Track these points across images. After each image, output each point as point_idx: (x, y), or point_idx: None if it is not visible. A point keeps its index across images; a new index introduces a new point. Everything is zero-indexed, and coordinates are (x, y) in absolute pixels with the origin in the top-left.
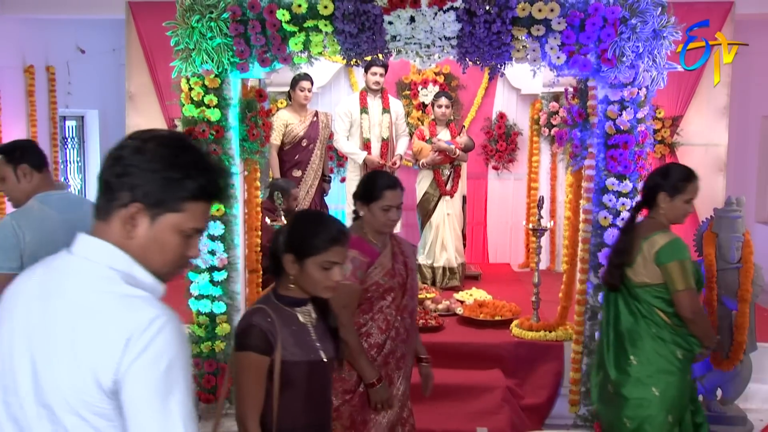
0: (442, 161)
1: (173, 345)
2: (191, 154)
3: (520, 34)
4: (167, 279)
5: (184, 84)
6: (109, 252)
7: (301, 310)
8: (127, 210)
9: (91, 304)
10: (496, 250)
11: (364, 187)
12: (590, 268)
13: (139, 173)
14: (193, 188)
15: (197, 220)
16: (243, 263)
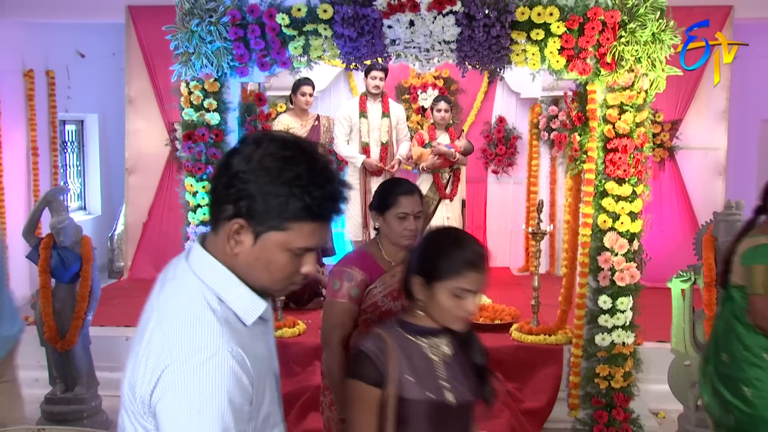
0: (441, 165)
1: (211, 384)
2: (298, 168)
3: (519, 38)
4: (280, 295)
5: (184, 88)
6: (209, 267)
7: (429, 342)
8: (230, 225)
9: (169, 314)
10: (495, 253)
11: (378, 196)
12: (590, 271)
13: (243, 186)
14: (296, 209)
15: (307, 240)
16: None
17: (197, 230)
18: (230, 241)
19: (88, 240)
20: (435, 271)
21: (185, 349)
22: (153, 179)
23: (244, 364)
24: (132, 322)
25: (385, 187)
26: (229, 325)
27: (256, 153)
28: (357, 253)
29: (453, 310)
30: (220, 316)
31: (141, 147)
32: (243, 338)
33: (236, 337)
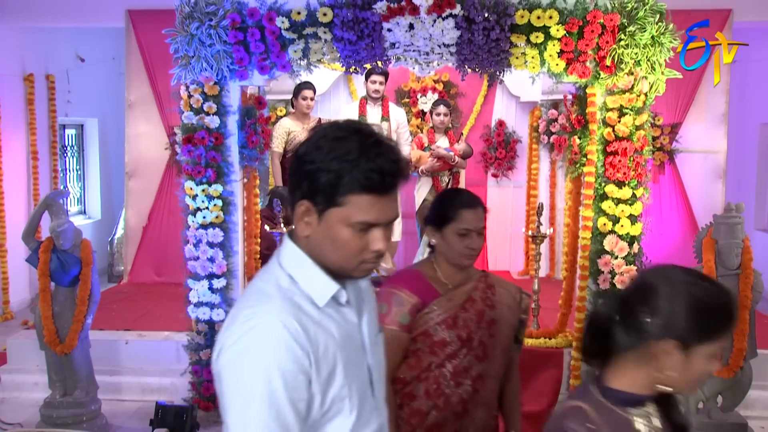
0: (440, 168)
1: (258, 348)
2: (349, 144)
3: (519, 41)
4: (359, 274)
5: (184, 91)
6: (287, 251)
7: (638, 413)
8: (298, 208)
9: (244, 294)
10: (495, 257)
11: (435, 208)
12: (590, 274)
13: (303, 168)
14: (348, 182)
15: (365, 213)
16: (242, 271)
17: (197, 233)
18: (300, 223)
19: (88, 243)
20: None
21: (241, 318)
22: (153, 183)
23: (298, 336)
24: (132, 325)
25: (443, 199)
26: (291, 302)
27: (314, 137)
28: (408, 272)
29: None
30: (285, 294)
31: (141, 151)
32: (308, 316)
33: (297, 313)
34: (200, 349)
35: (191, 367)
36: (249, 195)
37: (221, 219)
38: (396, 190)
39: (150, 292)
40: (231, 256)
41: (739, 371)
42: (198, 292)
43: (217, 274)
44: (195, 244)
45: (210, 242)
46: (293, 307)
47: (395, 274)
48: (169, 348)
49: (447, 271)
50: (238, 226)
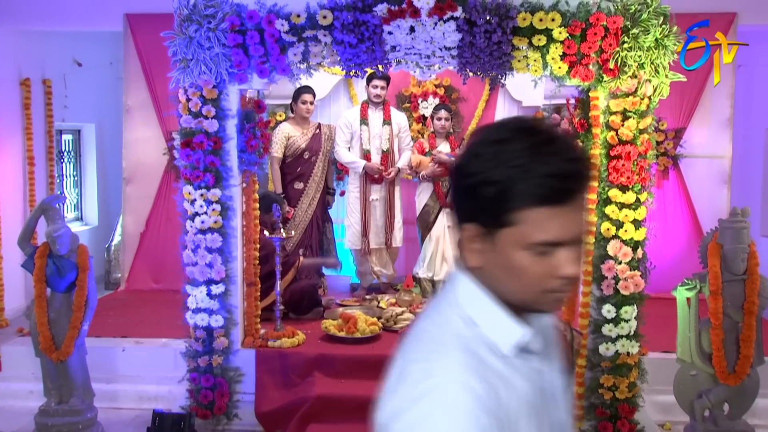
0: (441, 173)
1: (438, 421)
2: (514, 146)
3: (521, 44)
4: (544, 308)
5: (182, 95)
6: (461, 286)
7: None
8: (463, 233)
9: (412, 339)
10: None
11: None
12: (593, 280)
13: (464, 183)
14: (518, 194)
15: (545, 231)
16: (241, 276)
17: (195, 239)
18: (469, 252)
19: (85, 249)
20: None
21: (414, 375)
22: (151, 189)
23: (485, 402)
24: (129, 332)
25: None
26: (473, 355)
27: (472, 143)
28: None
29: None
30: (464, 343)
31: (139, 156)
32: (493, 372)
33: (481, 369)
34: (198, 356)
35: (189, 375)
36: (248, 200)
37: (220, 224)
38: (580, 197)
39: (147, 299)
40: (230, 261)
41: (745, 378)
42: (196, 298)
43: (216, 280)
44: (193, 250)
45: (208, 247)
46: (476, 362)
47: None
48: (167, 355)
49: None
50: (237, 231)
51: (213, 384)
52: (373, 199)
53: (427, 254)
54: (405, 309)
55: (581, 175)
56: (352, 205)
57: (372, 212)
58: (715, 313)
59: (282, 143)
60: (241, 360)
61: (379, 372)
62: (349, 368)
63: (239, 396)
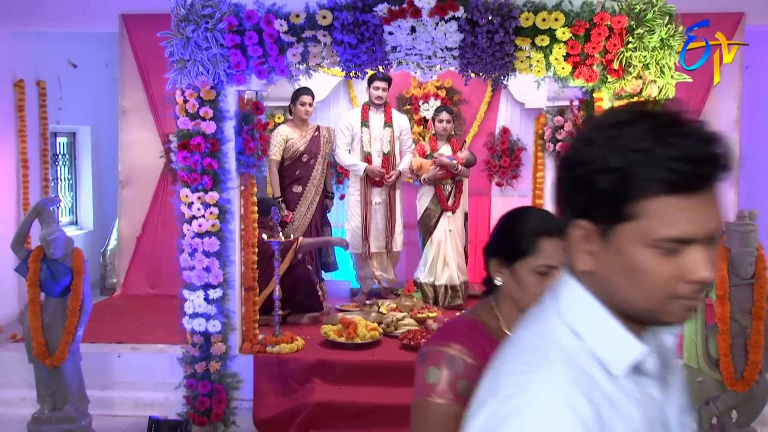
0: (443, 177)
1: None
2: (636, 128)
3: (524, 44)
4: (672, 319)
5: (179, 96)
6: (567, 293)
7: None
8: (571, 232)
9: (509, 347)
10: None
11: (503, 234)
12: None
13: (572, 174)
14: (641, 181)
15: (674, 225)
16: (239, 281)
17: (192, 242)
18: (579, 253)
19: (80, 252)
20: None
21: (509, 387)
22: (147, 192)
23: (589, 424)
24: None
25: (514, 222)
26: (578, 370)
27: (584, 131)
28: (461, 322)
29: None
30: (568, 356)
31: (135, 159)
32: (601, 392)
33: (587, 387)
34: (195, 362)
35: (186, 381)
36: (246, 203)
37: (217, 227)
38: (715, 185)
39: (144, 305)
40: (227, 265)
41: (754, 385)
42: (193, 302)
43: (213, 285)
44: (190, 254)
45: (206, 251)
46: (582, 378)
47: (444, 326)
48: (163, 361)
49: (514, 318)
50: (235, 235)
51: (210, 390)
52: (374, 203)
53: (429, 259)
54: (406, 314)
55: (716, 159)
56: (353, 209)
57: (373, 216)
58: (723, 318)
59: (280, 146)
60: (239, 366)
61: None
62: (349, 374)
63: (237, 403)
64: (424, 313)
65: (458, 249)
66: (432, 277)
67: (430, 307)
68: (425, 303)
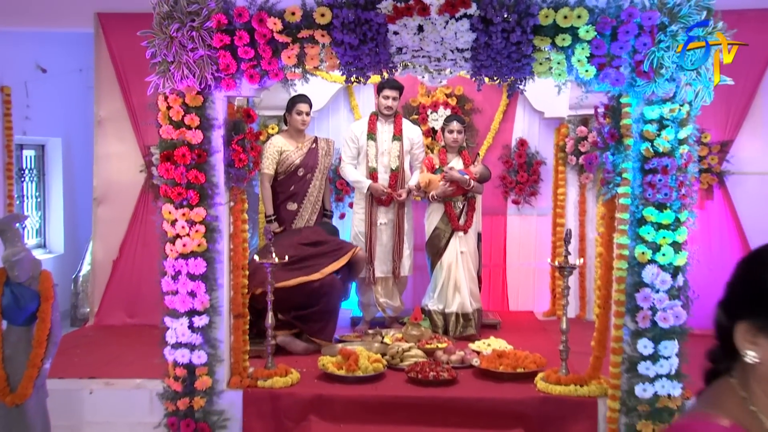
0: (453, 193)
1: None
2: None
3: (543, 44)
4: None
5: (162, 102)
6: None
7: None
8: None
9: None
10: (517, 296)
11: (751, 288)
12: (627, 311)
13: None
14: None
15: None
16: (227, 307)
17: (176, 264)
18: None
19: (48, 275)
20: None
21: None
22: (125, 211)
23: None
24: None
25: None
26: None
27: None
28: (706, 425)
29: None
30: None
31: (112, 174)
32: None
33: None
34: (177, 398)
35: (167, 420)
36: (236, 220)
37: (204, 247)
38: None
39: (120, 335)
40: (215, 289)
41: None
42: (176, 331)
43: (199, 311)
44: (173, 276)
45: (191, 274)
46: None
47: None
48: (141, 397)
49: None
50: (223, 256)
51: (194, 430)
52: (379, 223)
53: (438, 283)
54: (413, 345)
55: None
56: (357, 229)
57: (378, 237)
58: None
59: (274, 158)
60: (227, 402)
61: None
62: (350, 411)
63: None
64: (433, 344)
65: (470, 273)
66: (442, 304)
67: (439, 337)
68: (434, 332)
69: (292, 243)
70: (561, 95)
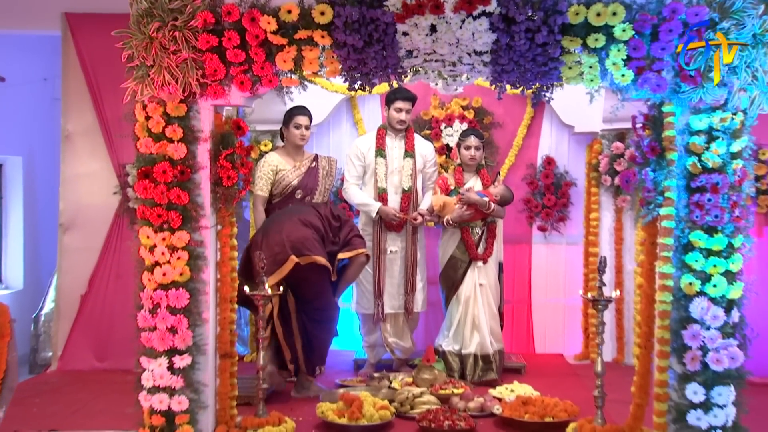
0: (471, 218)
1: None
2: None
3: (573, 46)
4: None
5: (140, 112)
6: None
7: None
8: None
9: None
10: (544, 336)
11: None
12: (672, 351)
13: None
14: None
15: None
16: (213, 345)
17: (155, 295)
18: None
19: (5, 309)
20: None
21: None
22: (96, 239)
23: None
24: (61, 424)
25: None
26: None
27: None
28: None
29: None
30: None
31: (81, 197)
32: None
33: None
34: None
35: None
36: (224, 246)
37: (187, 277)
38: None
39: (87, 382)
40: (199, 325)
41: None
42: (153, 373)
43: (180, 349)
44: (151, 310)
45: (171, 307)
46: None
47: None
48: None
49: None
50: (208, 287)
51: None
52: (389, 251)
53: (454, 320)
54: (425, 390)
55: None
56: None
57: (388, 268)
58: None
59: (268, 178)
60: None
61: None
62: None
63: None
64: (448, 389)
65: (491, 309)
66: (458, 344)
67: (455, 381)
68: (449, 376)
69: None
70: (593, 105)
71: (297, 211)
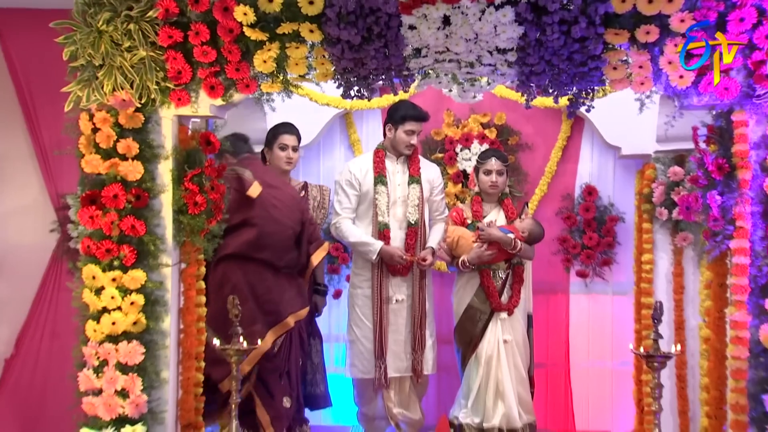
0: (493, 259)
1: None
2: None
3: (618, 41)
4: None
5: (85, 123)
6: None
7: None
8: None
9: None
10: (586, 408)
11: None
12: (751, 422)
13: None
14: None
15: None
16: (174, 413)
17: (101, 350)
18: None
19: None
20: None
21: None
22: (27, 287)
23: None
24: None
25: None
26: None
27: None
28: None
29: None
30: None
31: (9, 236)
32: None
33: None
34: None
35: None
36: (188, 289)
37: (142, 326)
38: None
39: None
40: (156, 387)
41: None
42: None
43: (132, 418)
44: (96, 369)
45: (122, 364)
46: None
47: None
48: None
49: None
50: (169, 339)
51: None
52: (393, 301)
53: (473, 386)
54: None
55: None
56: (360, 310)
57: (392, 321)
58: None
59: None
60: None
61: None
62: None
63: None
64: None
65: (518, 372)
66: (478, 416)
67: None
68: None
69: None
70: (644, 122)
71: None
